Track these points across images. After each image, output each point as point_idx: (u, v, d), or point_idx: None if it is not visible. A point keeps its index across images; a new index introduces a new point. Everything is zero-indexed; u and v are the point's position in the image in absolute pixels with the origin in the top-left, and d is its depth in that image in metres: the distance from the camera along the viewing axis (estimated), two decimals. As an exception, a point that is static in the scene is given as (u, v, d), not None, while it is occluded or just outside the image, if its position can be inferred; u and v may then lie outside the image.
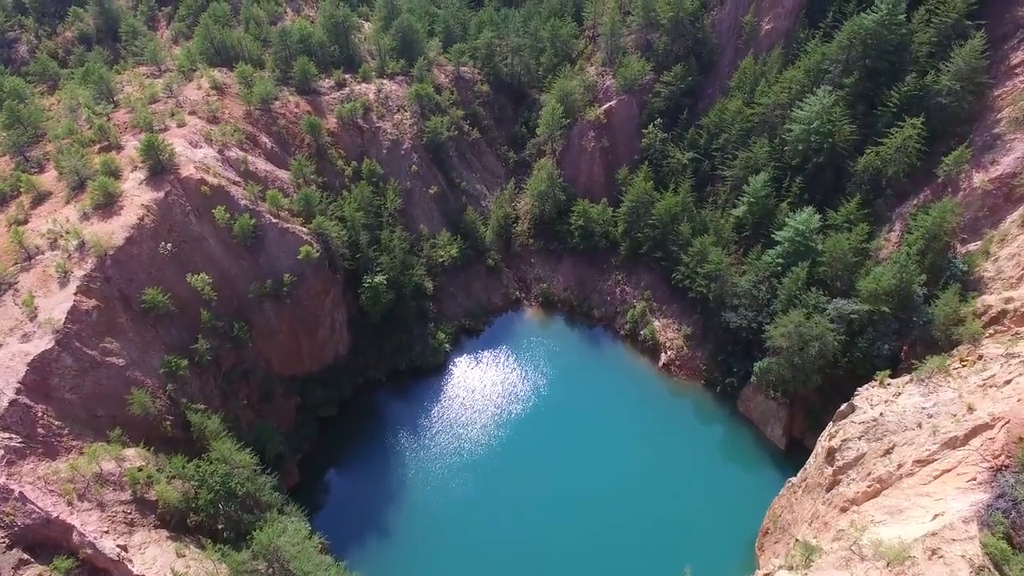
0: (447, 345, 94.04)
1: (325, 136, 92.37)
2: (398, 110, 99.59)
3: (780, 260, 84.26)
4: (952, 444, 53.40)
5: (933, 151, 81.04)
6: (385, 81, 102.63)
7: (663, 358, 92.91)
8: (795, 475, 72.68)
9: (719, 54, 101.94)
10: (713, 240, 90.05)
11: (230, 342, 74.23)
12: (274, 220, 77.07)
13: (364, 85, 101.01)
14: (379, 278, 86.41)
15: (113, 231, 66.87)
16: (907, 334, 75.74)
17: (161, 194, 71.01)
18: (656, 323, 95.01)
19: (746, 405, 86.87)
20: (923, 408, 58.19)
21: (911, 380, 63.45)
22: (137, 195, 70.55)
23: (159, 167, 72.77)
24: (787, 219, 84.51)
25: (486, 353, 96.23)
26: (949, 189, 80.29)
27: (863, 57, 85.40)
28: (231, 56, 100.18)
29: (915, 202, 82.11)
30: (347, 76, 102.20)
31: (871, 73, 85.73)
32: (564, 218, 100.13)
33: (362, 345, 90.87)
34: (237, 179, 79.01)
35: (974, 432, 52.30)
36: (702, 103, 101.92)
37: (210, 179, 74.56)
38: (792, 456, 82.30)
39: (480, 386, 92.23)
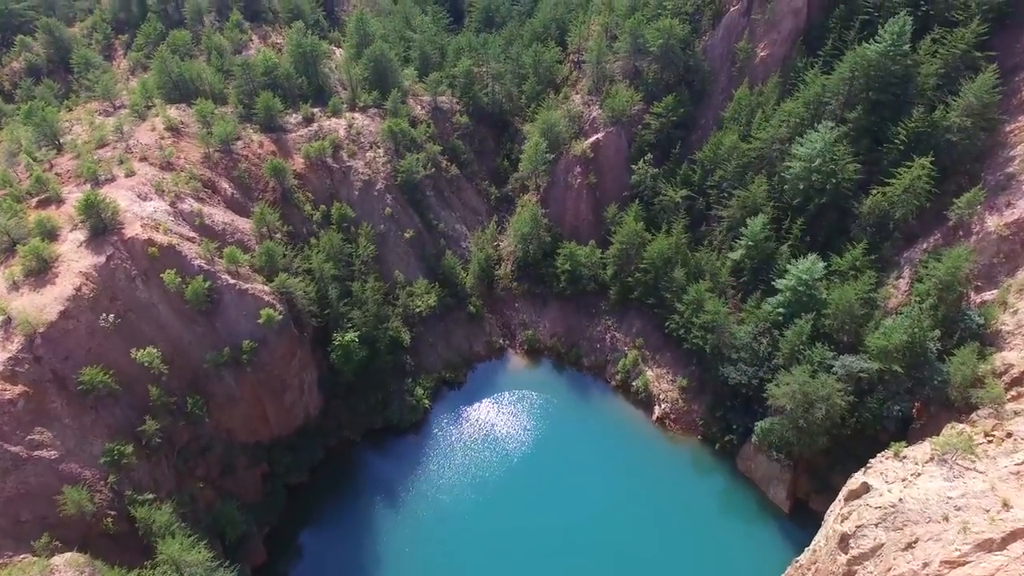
0: (426, 401, 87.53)
1: (291, 179, 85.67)
2: (371, 147, 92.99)
3: (781, 310, 78.56)
4: (987, 547, 47.62)
5: (943, 190, 75.80)
6: (357, 115, 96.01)
7: (657, 411, 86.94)
8: (801, 548, 67.01)
9: (712, 82, 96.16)
10: (709, 286, 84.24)
11: (184, 418, 67.44)
12: (231, 281, 70.29)
13: (334, 120, 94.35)
14: (350, 335, 79.85)
15: (45, 304, 59.94)
16: (920, 393, 70.27)
17: (102, 258, 64.09)
18: (649, 373, 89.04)
19: (746, 464, 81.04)
20: (949, 498, 52.37)
21: (932, 459, 57.65)
22: (75, 260, 63.63)
23: (101, 226, 65.87)
24: (788, 266, 78.82)
25: (468, 407, 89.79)
26: (961, 233, 74.96)
27: (866, 89, 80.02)
28: (190, 90, 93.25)
29: (925, 246, 76.78)
30: (316, 110, 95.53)
31: (875, 106, 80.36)
32: (550, 260, 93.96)
33: (335, 405, 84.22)
34: (191, 234, 72.19)
35: (1013, 536, 46.57)
36: (695, 135, 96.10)
37: (159, 238, 67.70)
38: (797, 520, 76.76)
39: (462, 445, 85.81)
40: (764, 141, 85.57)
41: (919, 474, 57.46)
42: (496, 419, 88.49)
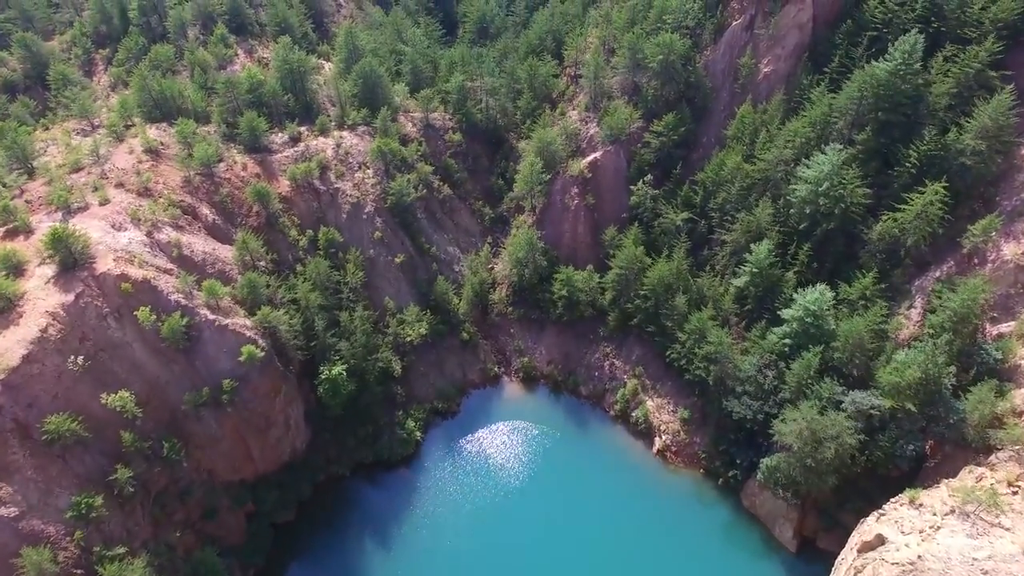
0: (418, 433, 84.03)
1: (276, 203, 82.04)
2: (359, 167, 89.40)
3: (787, 341, 75.23)
4: (1016, 619, 44.45)
5: (956, 216, 72.68)
6: (345, 134, 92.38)
7: (658, 443, 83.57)
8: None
9: (713, 99, 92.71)
10: (711, 314, 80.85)
11: (160, 463, 63.87)
12: (211, 316, 66.66)
13: (321, 139, 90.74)
14: (338, 369, 76.33)
15: (7, 347, 56.28)
16: (934, 432, 67.02)
17: (71, 296, 60.44)
18: (649, 403, 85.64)
19: (751, 500, 77.71)
20: (975, 559, 49.07)
21: (952, 511, 54.39)
22: (42, 298, 59.95)
23: (71, 260, 62.20)
24: (795, 295, 75.47)
25: (462, 439, 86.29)
26: (976, 261, 71.78)
27: (875, 109, 76.69)
28: (172, 109, 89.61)
29: (937, 274, 73.58)
30: (303, 129, 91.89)
31: (884, 127, 77.07)
32: (546, 285, 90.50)
33: (322, 439, 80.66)
34: (169, 266, 68.54)
35: (1045, 609, 43.38)
36: (696, 153, 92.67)
37: (134, 272, 64.04)
38: (804, 559, 73.80)
39: (455, 478, 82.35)
40: (768, 162, 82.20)
41: (938, 527, 54.20)
42: (491, 451, 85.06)
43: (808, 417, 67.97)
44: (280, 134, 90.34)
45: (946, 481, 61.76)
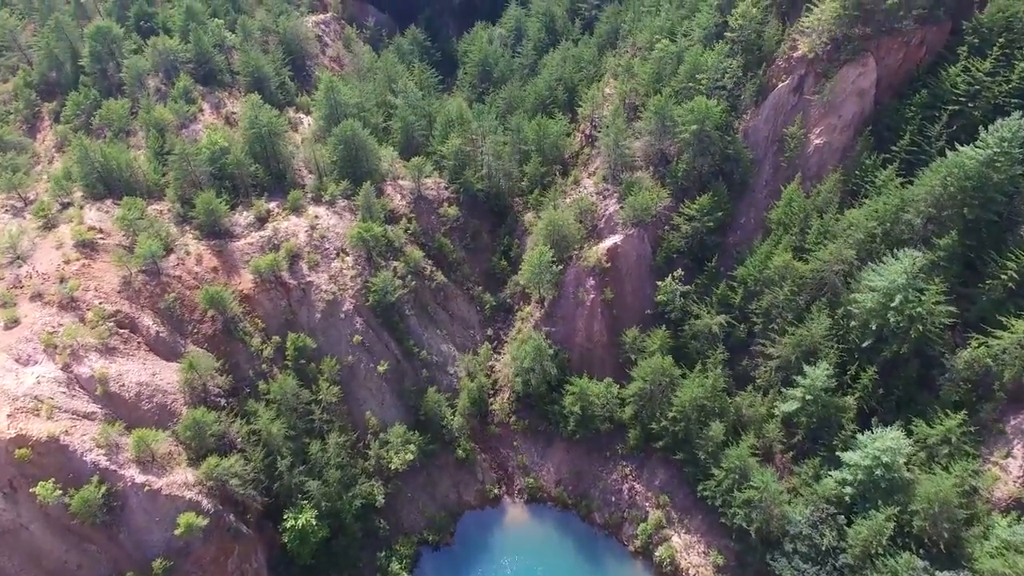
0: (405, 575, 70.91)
1: (235, 307, 68.86)
2: (337, 255, 76.02)
3: (849, 490, 61.68)
4: None
5: (1062, 341, 58.85)
6: (322, 211, 79.00)
7: (688, 592, 70.22)
8: None
9: (754, 173, 78.85)
10: (751, 443, 67.43)
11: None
12: (140, 479, 53.60)
13: (293, 219, 77.41)
14: (306, 515, 63.34)
15: None
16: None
17: (-50, 473, 47.51)
18: (676, 540, 72.22)
19: (804, 676, 64.24)
20: None
21: None
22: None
23: (-43, 418, 49.32)
24: (859, 436, 61.92)
25: (455, 580, 73.22)
26: (1091, 402, 58.19)
27: (960, 206, 62.73)
28: (120, 183, 76.53)
29: (1041, 414, 59.92)
30: (273, 204, 78.71)
31: (971, 226, 63.22)
32: (556, 393, 76.99)
33: (287, 590, 67.67)
34: (90, 409, 55.51)
35: None
36: (733, 236, 78.86)
37: (36, 429, 51.04)
38: None
39: (447, 633, 69.44)
40: (825, 262, 68.39)
41: None
42: (489, 595, 71.95)
43: (883, 604, 54.59)
44: (245, 213, 77.15)
45: None
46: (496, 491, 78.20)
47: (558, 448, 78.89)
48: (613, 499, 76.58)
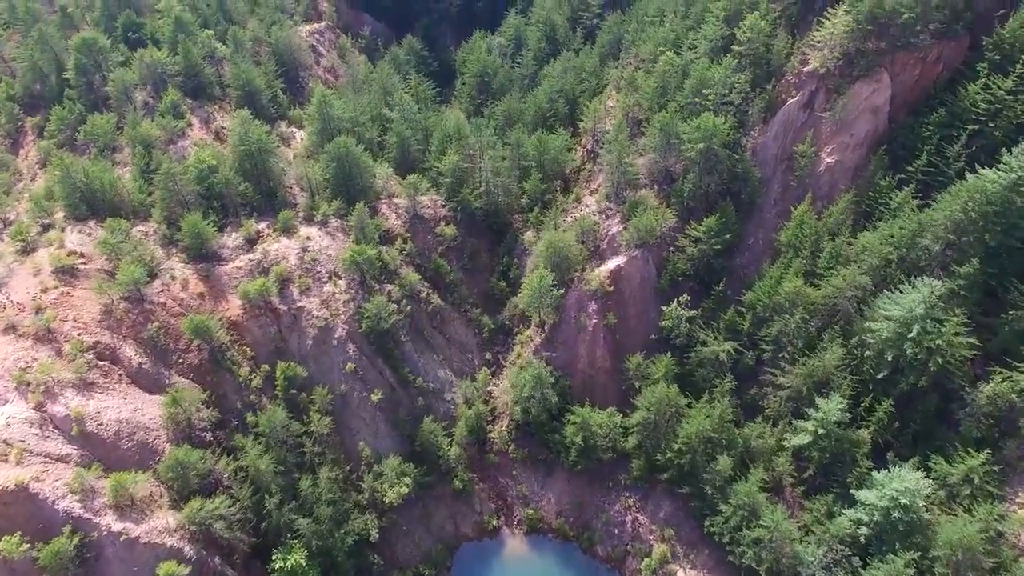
0: (398, 615, 68.25)
1: (222, 336, 65.98)
2: (329, 279, 73.11)
3: (864, 530, 58.81)
4: None
5: (1088, 375, 55.96)
6: (313, 231, 76.14)
7: (695, 631, 67.46)
8: None
9: (763, 192, 75.95)
10: (760, 476, 64.58)
11: None
12: (117, 527, 50.83)
13: (284, 240, 74.57)
14: (296, 556, 60.51)
15: None
16: None
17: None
18: (682, 575, 69.44)
19: None
20: None
21: None
22: None
23: (-78, 466, 46.53)
24: (875, 475, 59.04)
25: (452, 617, 70.54)
26: (1118, 440, 55.20)
27: (981, 231, 59.79)
28: (103, 203, 73.71)
29: (1067, 452, 57.01)
30: (262, 225, 75.91)
31: (993, 253, 60.26)
32: (557, 422, 74.15)
33: (276, 631, 64.82)
34: (65, 451, 52.75)
35: None
36: (741, 258, 76.03)
37: (2, 478, 48.25)
38: None
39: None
40: (837, 288, 65.47)
41: None
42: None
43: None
44: (233, 235, 74.32)
45: None
46: (495, 522, 75.42)
47: (559, 477, 76.06)
48: (616, 531, 73.76)
